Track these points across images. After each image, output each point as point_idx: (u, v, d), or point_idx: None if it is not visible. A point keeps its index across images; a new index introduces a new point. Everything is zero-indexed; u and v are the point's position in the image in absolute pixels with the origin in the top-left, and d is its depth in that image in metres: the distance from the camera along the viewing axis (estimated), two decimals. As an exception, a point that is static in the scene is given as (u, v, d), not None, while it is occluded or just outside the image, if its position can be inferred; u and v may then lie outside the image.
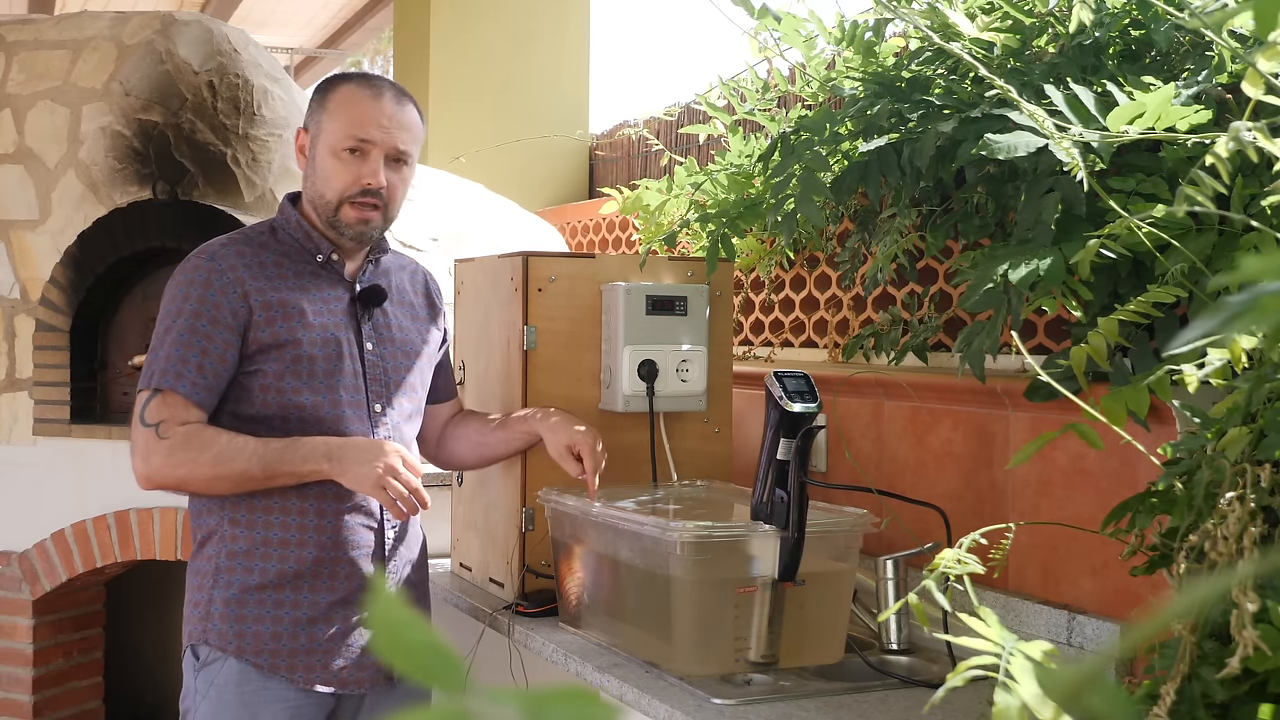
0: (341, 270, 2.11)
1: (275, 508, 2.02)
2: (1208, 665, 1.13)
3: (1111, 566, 1.97)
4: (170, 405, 1.97)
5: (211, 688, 2.01)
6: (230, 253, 2.05)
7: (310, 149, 2.09)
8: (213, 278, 2.01)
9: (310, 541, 2.02)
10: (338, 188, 2.04)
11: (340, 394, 2.04)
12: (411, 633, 0.43)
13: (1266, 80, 1.24)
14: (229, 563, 2.03)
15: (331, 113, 2.06)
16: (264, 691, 2.01)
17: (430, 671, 0.43)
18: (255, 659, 2.00)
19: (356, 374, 2.07)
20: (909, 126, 1.99)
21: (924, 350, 2.39)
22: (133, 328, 3.52)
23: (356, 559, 2.06)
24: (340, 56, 9.42)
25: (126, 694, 3.95)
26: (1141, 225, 1.47)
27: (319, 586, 2.03)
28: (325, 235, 2.09)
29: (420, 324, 2.22)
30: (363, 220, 2.06)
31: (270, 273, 2.05)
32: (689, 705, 1.80)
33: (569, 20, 4.83)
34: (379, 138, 2.04)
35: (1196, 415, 1.36)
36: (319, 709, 2.04)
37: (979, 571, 1.36)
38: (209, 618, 2.03)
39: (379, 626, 0.43)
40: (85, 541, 3.42)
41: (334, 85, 2.10)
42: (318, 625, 2.03)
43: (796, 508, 1.90)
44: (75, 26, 3.54)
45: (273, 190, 3.42)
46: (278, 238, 2.10)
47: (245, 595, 2.01)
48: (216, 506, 2.04)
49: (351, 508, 2.05)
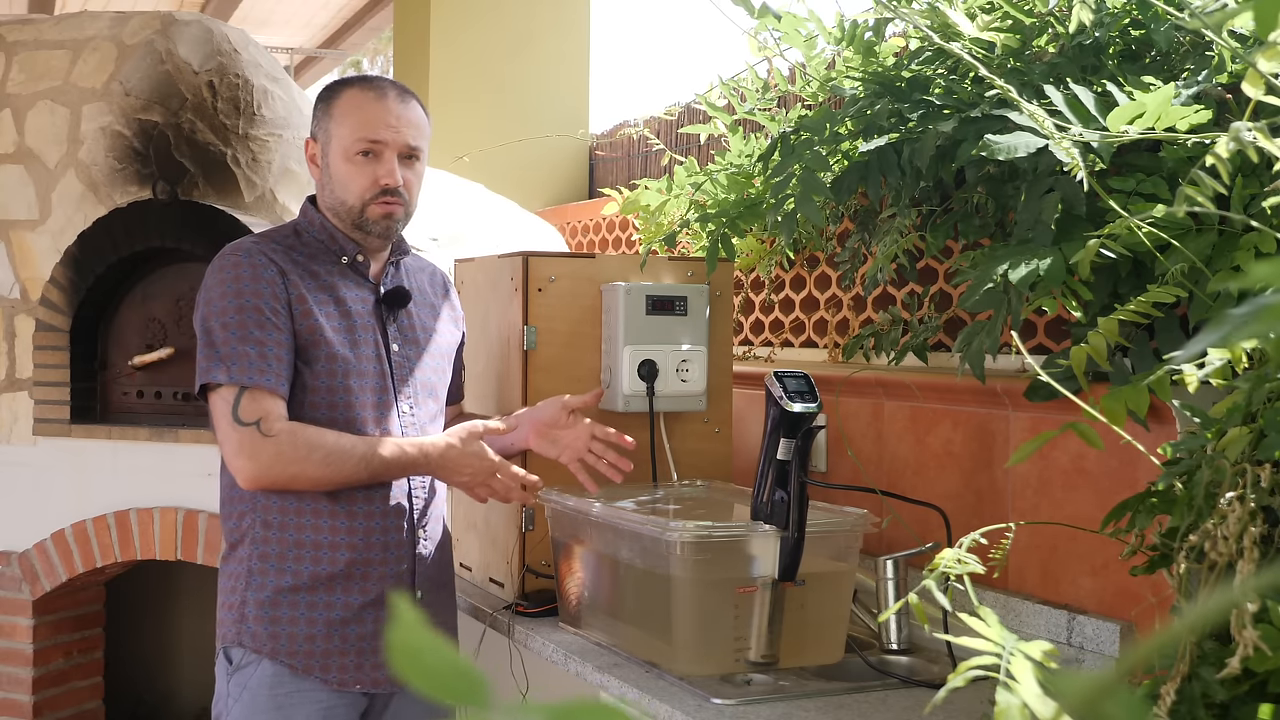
0: (366, 272, 2.12)
1: (308, 510, 2.02)
2: (1208, 665, 1.13)
3: (1111, 566, 1.97)
4: (262, 401, 1.95)
5: (245, 691, 2.01)
6: (265, 248, 2.05)
7: (322, 158, 2.09)
8: (260, 271, 2.00)
9: (343, 543, 2.03)
10: (357, 191, 2.06)
11: (369, 395, 2.05)
12: (434, 656, 0.43)
13: (1266, 80, 1.24)
14: (261, 565, 2.03)
15: (338, 119, 2.06)
16: (297, 694, 2.01)
17: (456, 693, 0.43)
18: (290, 660, 2.01)
19: (384, 374, 2.08)
20: (909, 126, 1.99)
21: (924, 350, 2.39)
22: (133, 328, 3.52)
23: (389, 559, 2.07)
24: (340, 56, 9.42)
25: (126, 694, 3.95)
26: (1141, 225, 1.47)
27: (352, 588, 2.04)
28: (350, 237, 2.10)
29: (442, 325, 2.23)
30: (387, 215, 2.07)
31: (302, 271, 2.06)
32: (689, 705, 1.80)
33: (568, 20, 4.83)
34: (389, 137, 2.05)
35: (1196, 415, 1.36)
36: (351, 709, 2.05)
37: (979, 571, 1.36)
38: (243, 620, 2.03)
39: (402, 652, 0.43)
40: (85, 541, 3.42)
41: (337, 92, 2.10)
42: (350, 626, 2.03)
43: (796, 508, 1.90)
44: (75, 26, 3.54)
45: (273, 190, 3.42)
46: (302, 240, 2.11)
47: (279, 597, 2.02)
48: (248, 509, 2.04)
49: (383, 509, 2.06)
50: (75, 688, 3.62)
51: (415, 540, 2.11)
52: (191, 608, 4.10)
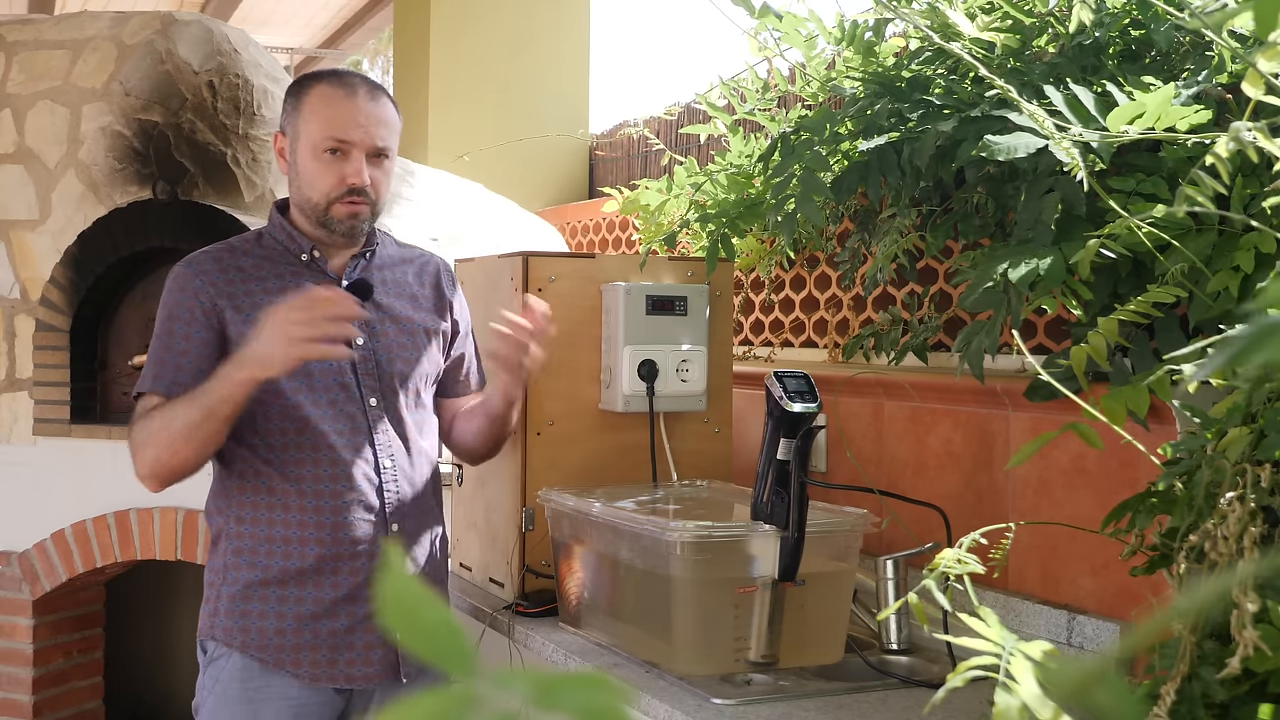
0: (325, 267, 2.11)
1: (278, 505, 2.03)
2: (1208, 665, 1.13)
3: (1111, 566, 1.97)
4: (150, 406, 1.99)
5: (217, 683, 2.03)
6: (207, 259, 2.07)
7: (290, 153, 2.09)
8: (186, 283, 2.04)
9: (312, 538, 2.03)
10: (323, 189, 2.05)
11: (326, 391, 2.04)
12: (425, 610, 0.43)
13: (1266, 80, 1.24)
14: (235, 559, 2.04)
15: (306, 115, 2.06)
16: (267, 688, 2.01)
17: (439, 650, 0.42)
18: (259, 654, 2.01)
19: (343, 369, 2.07)
20: (909, 126, 1.99)
21: (924, 350, 2.39)
22: (133, 328, 3.52)
23: (359, 555, 2.06)
24: (340, 56, 9.42)
25: (126, 694, 3.95)
26: (1141, 225, 1.47)
27: (323, 583, 2.04)
28: (308, 234, 2.10)
29: (426, 315, 2.20)
30: (352, 215, 2.06)
31: (248, 275, 2.06)
32: (689, 705, 1.80)
33: (569, 20, 4.83)
34: (358, 137, 2.04)
35: (1196, 415, 1.36)
36: (326, 707, 2.04)
37: (979, 571, 1.36)
38: (216, 613, 2.06)
39: (390, 601, 0.43)
40: (85, 541, 3.42)
41: (306, 86, 2.09)
42: (321, 621, 2.03)
43: (796, 508, 1.90)
44: (75, 26, 3.54)
45: (273, 190, 3.42)
46: (262, 243, 2.12)
47: (249, 591, 2.03)
48: (225, 505, 2.07)
49: (353, 504, 2.05)
50: (75, 688, 3.62)
51: (389, 536, 2.09)
52: (191, 608, 4.09)
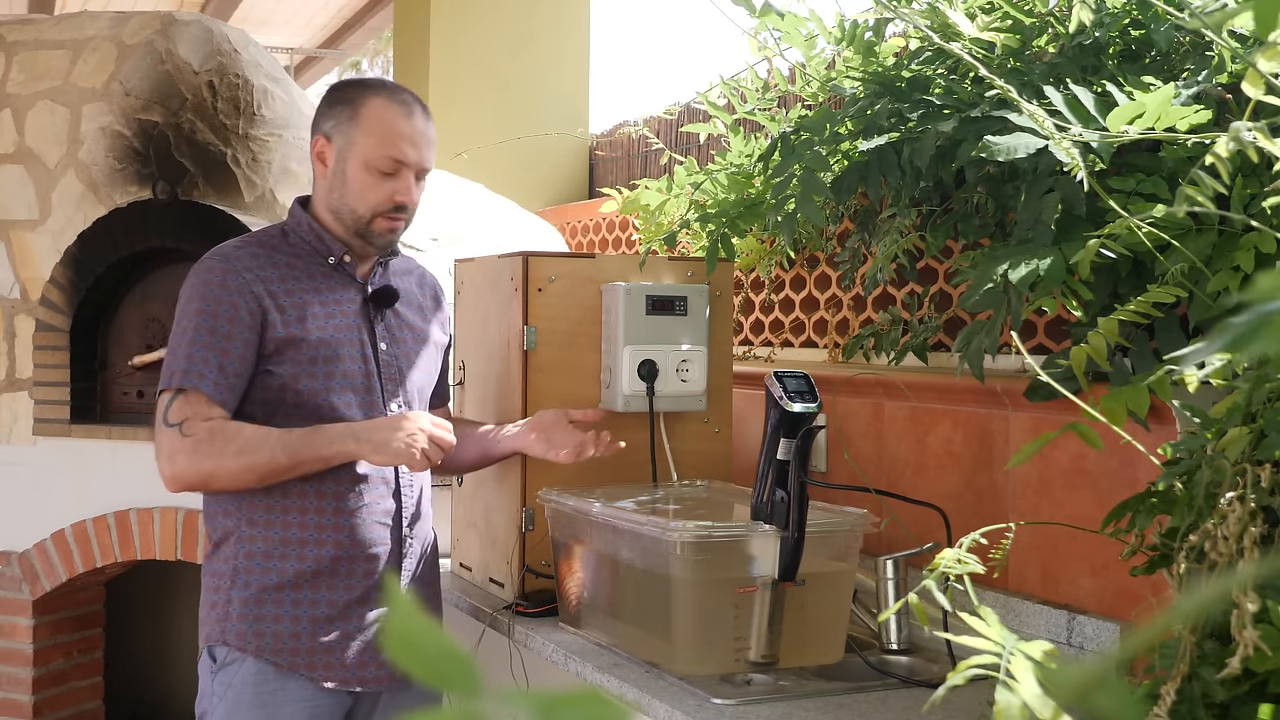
0: (353, 272, 2.12)
1: (293, 507, 2.03)
2: (1208, 665, 1.13)
3: (1111, 566, 1.97)
4: (193, 404, 1.96)
5: (229, 689, 2.02)
6: (244, 254, 2.05)
7: (336, 160, 2.07)
8: (228, 278, 2.01)
9: (329, 540, 2.03)
10: (372, 203, 2.06)
11: (354, 394, 2.05)
12: (425, 638, 0.43)
13: (1266, 80, 1.24)
14: (247, 563, 2.03)
15: (364, 128, 2.04)
16: (282, 691, 2.01)
17: (445, 676, 0.43)
18: (274, 658, 2.01)
19: (371, 374, 2.08)
20: (909, 126, 1.99)
21: (924, 350, 2.39)
22: (133, 328, 3.52)
23: (374, 557, 2.07)
24: (340, 56, 9.42)
25: (126, 694, 3.95)
26: (1141, 225, 1.47)
27: (337, 585, 2.04)
28: (339, 238, 2.10)
29: (431, 325, 2.24)
30: (392, 230, 2.09)
31: (283, 274, 2.06)
32: (689, 705, 1.80)
33: (569, 20, 4.83)
34: (414, 158, 2.06)
35: (1196, 415, 1.36)
36: (337, 707, 2.05)
37: (979, 571, 1.36)
38: (227, 618, 2.03)
39: (393, 633, 0.43)
40: (85, 541, 3.42)
41: (363, 96, 2.07)
42: (335, 623, 2.04)
43: (796, 508, 1.90)
44: (75, 26, 3.54)
45: (273, 190, 3.42)
46: (289, 241, 2.11)
47: (264, 595, 2.02)
48: (234, 507, 2.05)
49: (369, 506, 2.06)
50: (75, 688, 3.62)
51: (402, 538, 2.11)
52: (191, 608, 4.09)
